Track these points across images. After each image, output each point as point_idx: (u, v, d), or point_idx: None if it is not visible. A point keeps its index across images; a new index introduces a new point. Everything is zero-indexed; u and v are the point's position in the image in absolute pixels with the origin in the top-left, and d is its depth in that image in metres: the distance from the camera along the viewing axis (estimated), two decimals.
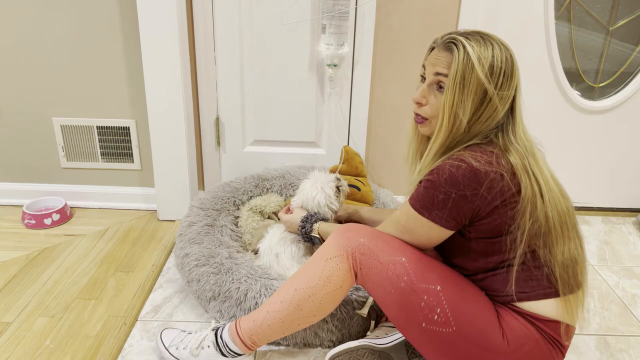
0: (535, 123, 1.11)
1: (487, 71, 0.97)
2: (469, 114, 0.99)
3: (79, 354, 1.26)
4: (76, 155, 1.98)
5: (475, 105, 0.99)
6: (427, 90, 1.05)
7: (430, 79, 1.04)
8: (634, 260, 1.82)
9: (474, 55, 0.97)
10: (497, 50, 0.98)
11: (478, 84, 0.97)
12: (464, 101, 0.99)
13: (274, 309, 1.12)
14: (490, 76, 0.98)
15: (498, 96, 0.99)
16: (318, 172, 1.54)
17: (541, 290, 1.01)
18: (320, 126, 1.99)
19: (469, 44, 0.98)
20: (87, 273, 1.59)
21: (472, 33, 1.01)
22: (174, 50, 1.72)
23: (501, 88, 0.99)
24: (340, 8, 1.70)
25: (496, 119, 1.01)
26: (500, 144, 1.01)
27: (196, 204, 1.68)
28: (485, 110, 1.00)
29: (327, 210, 1.46)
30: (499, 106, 1.00)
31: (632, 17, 1.91)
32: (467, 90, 0.98)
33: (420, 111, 1.08)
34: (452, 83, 0.99)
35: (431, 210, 1.00)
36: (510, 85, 1.00)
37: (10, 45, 1.81)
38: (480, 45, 0.98)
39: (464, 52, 0.97)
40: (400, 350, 1.19)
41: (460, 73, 0.97)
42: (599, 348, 1.36)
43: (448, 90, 0.99)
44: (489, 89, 0.98)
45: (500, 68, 0.98)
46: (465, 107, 0.99)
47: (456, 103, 0.99)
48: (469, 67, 0.97)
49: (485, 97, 0.99)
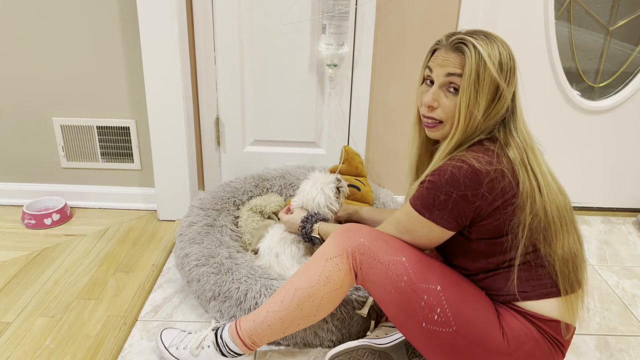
0: (535, 123, 1.12)
1: (498, 68, 0.99)
2: (483, 111, 1.00)
3: (79, 354, 1.26)
4: (76, 155, 1.98)
5: (488, 102, 1.00)
6: (438, 93, 1.04)
7: (441, 80, 1.03)
8: (634, 260, 1.82)
9: (485, 53, 0.98)
10: (501, 47, 1.00)
11: (492, 81, 0.99)
12: (479, 100, 0.99)
13: (274, 309, 1.12)
14: (500, 73, 0.99)
15: (508, 92, 1.01)
16: (318, 172, 1.54)
17: (542, 289, 1.01)
18: (320, 126, 1.99)
19: (478, 44, 0.99)
20: (87, 273, 1.59)
21: (476, 32, 1.02)
22: (174, 50, 1.72)
23: (509, 84, 1.01)
24: (340, 8, 1.70)
25: (500, 113, 1.02)
26: (502, 140, 1.02)
27: (196, 204, 1.68)
28: (496, 106, 1.01)
29: (327, 211, 1.46)
30: (507, 102, 1.02)
31: (632, 17, 1.91)
32: (482, 88, 0.99)
33: (434, 114, 1.05)
34: (467, 83, 0.98)
35: (432, 210, 1.00)
36: (513, 81, 1.02)
37: (10, 45, 1.81)
38: (487, 44, 0.99)
39: (476, 52, 0.98)
40: (400, 350, 1.19)
41: (475, 72, 0.98)
42: (599, 348, 1.36)
43: (463, 91, 0.99)
44: (501, 85, 0.99)
45: (507, 64, 1.00)
46: (480, 105, 1.00)
47: (472, 102, 0.99)
48: (482, 66, 0.98)
49: (497, 93, 1.00)
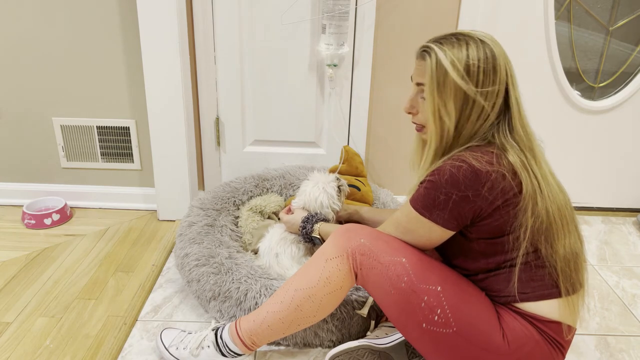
0: (536, 123, 1.11)
1: (463, 72, 0.98)
2: (455, 117, 1.01)
3: (79, 354, 1.26)
4: (76, 155, 1.98)
5: (459, 107, 1.00)
6: (415, 100, 1.09)
7: (415, 88, 1.08)
8: (634, 260, 1.82)
9: (447, 59, 0.98)
10: (472, 49, 0.99)
11: (455, 87, 0.99)
12: (446, 105, 1.00)
13: (274, 309, 1.12)
14: (467, 76, 0.98)
15: (481, 95, 0.99)
16: (317, 172, 1.54)
17: (542, 290, 1.01)
18: (320, 126, 1.99)
19: (441, 49, 0.99)
20: (87, 273, 1.59)
21: (447, 36, 1.02)
22: (174, 50, 1.72)
23: (483, 85, 0.99)
24: (340, 8, 1.70)
25: (490, 117, 1.01)
26: (498, 144, 1.01)
27: (196, 204, 1.68)
28: (471, 110, 1.00)
29: (329, 211, 1.46)
30: (485, 104, 1.00)
31: (632, 17, 1.91)
32: (446, 95, 1.00)
33: (415, 119, 1.12)
34: (428, 90, 1.02)
35: (432, 210, 1.00)
36: (495, 80, 0.99)
37: (11, 45, 1.81)
38: (453, 47, 0.99)
39: (435, 59, 1.00)
40: (400, 351, 1.19)
41: (435, 80, 1.00)
42: (599, 348, 1.36)
43: (427, 98, 1.03)
44: (469, 90, 0.99)
45: (477, 66, 0.98)
46: (449, 112, 1.00)
47: (438, 109, 1.01)
48: (441, 73, 0.99)
49: (467, 98, 0.99)
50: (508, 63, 1.01)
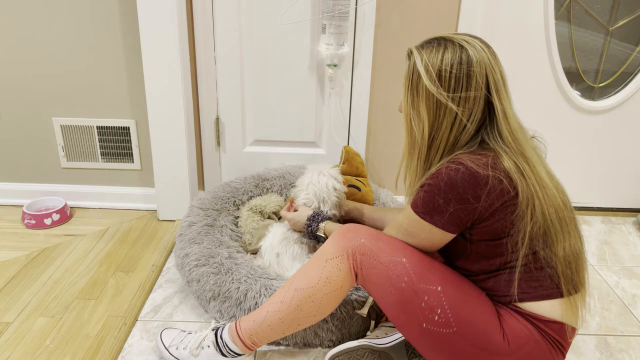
0: (536, 123, 1.11)
1: (435, 77, 0.99)
2: (428, 121, 1.02)
3: (79, 354, 1.26)
4: (76, 155, 1.98)
5: (433, 112, 1.01)
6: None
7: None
8: (634, 260, 1.82)
9: (421, 63, 1.00)
10: (448, 53, 0.98)
11: (427, 91, 1.00)
12: (420, 110, 1.02)
13: (274, 309, 1.12)
14: (439, 81, 0.99)
15: (453, 100, 0.99)
16: (312, 166, 1.54)
17: (543, 291, 1.01)
18: (320, 126, 1.99)
19: (419, 54, 1.01)
20: (87, 273, 1.59)
21: (431, 40, 1.03)
22: (174, 50, 1.72)
23: (454, 91, 0.99)
24: (340, 8, 1.70)
25: (466, 124, 1.00)
26: (493, 147, 1.00)
27: (196, 204, 1.68)
28: (444, 116, 1.00)
29: (334, 199, 1.46)
30: (458, 110, 0.99)
31: (632, 17, 1.91)
32: (419, 98, 1.01)
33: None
34: (404, 93, 1.04)
35: (432, 214, 1.00)
36: (469, 86, 0.98)
37: (11, 45, 1.81)
38: (431, 52, 1.00)
39: (412, 63, 1.02)
40: (400, 350, 1.19)
41: (410, 83, 1.02)
42: (599, 348, 1.36)
43: (403, 100, 1.05)
44: (439, 95, 0.99)
45: (449, 72, 0.98)
46: (421, 116, 1.01)
47: (411, 112, 1.03)
48: (415, 77, 1.01)
49: (439, 103, 1.00)
50: (491, 69, 0.98)
